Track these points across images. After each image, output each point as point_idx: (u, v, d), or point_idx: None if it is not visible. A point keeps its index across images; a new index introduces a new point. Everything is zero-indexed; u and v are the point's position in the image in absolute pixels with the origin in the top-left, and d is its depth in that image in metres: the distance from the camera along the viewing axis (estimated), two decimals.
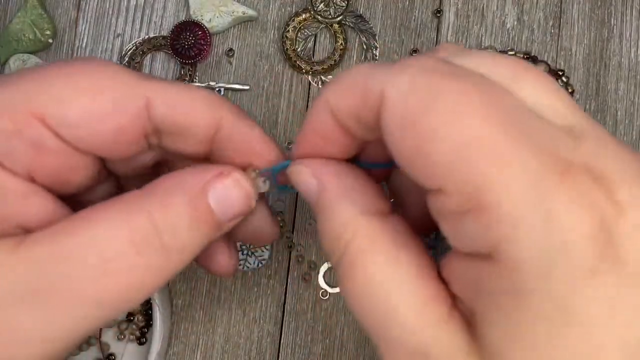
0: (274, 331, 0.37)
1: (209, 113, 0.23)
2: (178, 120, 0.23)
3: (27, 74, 0.22)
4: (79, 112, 0.21)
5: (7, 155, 0.21)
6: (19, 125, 0.21)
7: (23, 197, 0.22)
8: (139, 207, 0.21)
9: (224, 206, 0.22)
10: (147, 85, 0.22)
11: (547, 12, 0.39)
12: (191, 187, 0.22)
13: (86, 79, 0.22)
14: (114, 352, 0.38)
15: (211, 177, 0.22)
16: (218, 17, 0.38)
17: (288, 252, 0.38)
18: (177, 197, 0.21)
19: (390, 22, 0.39)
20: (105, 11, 0.40)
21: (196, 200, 0.22)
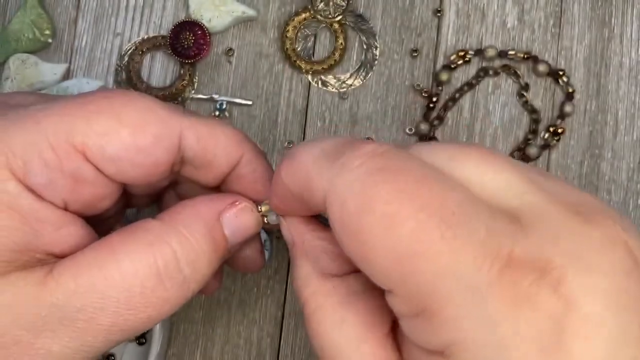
0: (274, 332, 0.37)
1: (234, 150, 0.25)
2: (205, 155, 0.24)
3: (70, 103, 0.22)
4: (120, 147, 0.22)
5: (46, 186, 0.22)
6: (61, 157, 0.21)
7: (57, 227, 0.22)
8: (161, 240, 0.22)
9: (237, 235, 0.24)
10: (182, 120, 0.23)
11: (547, 12, 0.38)
12: (208, 217, 0.23)
13: (128, 114, 0.22)
14: (113, 352, 0.38)
15: (225, 206, 0.24)
16: (217, 16, 0.38)
17: (288, 253, 0.38)
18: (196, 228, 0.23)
19: (390, 22, 0.39)
20: (104, 11, 0.40)
21: (213, 230, 0.23)
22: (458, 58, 0.38)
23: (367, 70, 0.38)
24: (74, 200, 0.22)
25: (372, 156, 0.18)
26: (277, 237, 0.38)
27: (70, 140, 0.21)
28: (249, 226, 0.25)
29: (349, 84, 0.38)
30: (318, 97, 0.39)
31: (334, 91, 0.38)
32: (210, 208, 0.23)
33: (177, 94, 0.38)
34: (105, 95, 0.23)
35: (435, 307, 0.17)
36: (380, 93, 0.38)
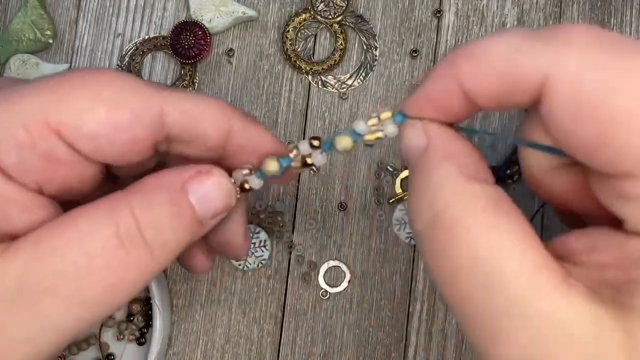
0: (274, 331, 0.37)
1: (220, 122, 0.24)
2: (191, 129, 0.23)
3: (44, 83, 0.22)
4: (97, 124, 0.21)
5: (17, 166, 0.21)
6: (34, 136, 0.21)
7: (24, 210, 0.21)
8: (122, 205, 0.21)
9: (205, 203, 0.23)
10: (162, 96, 0.23)
11: (547, 13, 0.39)
12: (172, 185, 0.22)
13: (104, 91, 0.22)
14: (113, 352, 0.38)
15: (190, 175, 0.23)
16: (218, 17, 0.38)
17: (288, 252, 0.38)
18: (158, 195, 0.22)
19: (390, 22, 0.39)
20: (105, 11, 0.40)
21: (177, 197, 0.22)
22: None
23: (367, 71, 0.38)
24: (49, 182, 0.22)
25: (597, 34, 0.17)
26: (277, 237, 0.38)
27: (44, 119, 0.21)
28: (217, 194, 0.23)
29: (349, 84, 0.38)
30: (318, 98, 0.39)
31: (334, 91, 0.39)
32: (174, 176, 0.23)
33: None
34: (81, 74, 0.22)
35: None
36: (380, 93, 0.38)
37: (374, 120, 0.22)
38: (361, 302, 0.37)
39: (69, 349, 0.37)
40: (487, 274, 0.17)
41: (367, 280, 0.37)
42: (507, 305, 0.17)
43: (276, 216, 0.38)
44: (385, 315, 0.37)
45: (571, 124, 0.17)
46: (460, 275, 0.18)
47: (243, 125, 0.24)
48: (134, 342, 0.38)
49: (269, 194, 0.38)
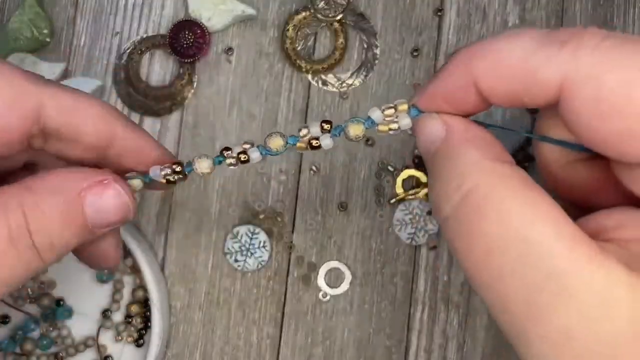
0: (274, 333, 0.37)
1: (102, 123, 0.23)
2: (70, 127, 0.23)
3: None
4: None
5: None
6: None
7: None
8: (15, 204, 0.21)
9: (100, 215, 0.22)
10: (43, 88, 0.22)
11: (548, 11, 0.38)
12: (68, 192, 0.22)
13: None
14: (111, 354, 0.37)
15: (89, 184, 0.22)
16: (217, 15, 0.38)
17: (288, 253, 0.37)
18: (52, 199, 0.21)
19: (391, 21, 0.38)
20: (103, 9, 0.39)
21: (71, 205, 0.22)
22: None
23: (368, 70, 0.38)
24: None
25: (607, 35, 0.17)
26: (276, 238, 0.37)
27: None
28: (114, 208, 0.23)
29: (350, 83, 0.38)
30: (318, 97, 0.38)
31: (334, 91, 0.38)
32: (72, 182, 0.22)
33: (176, 93, 0.38)
34: None
35: None
36: (380, 93, 0.38)
37: (390, 111, 0.22)
38: (362, 304, 0.37)
39: (67, 351, 0.37)
40: (523, 249, 0.17)
41: (368, 282, 0.37)
42: (546, 279, 0.17)
43: (276, 217, 0.37)
44: (386, 316, 0.37)
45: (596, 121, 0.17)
46: (493, 253, 0.18)
47: (127, 130, 0.24)
48: (132, 344, 0.37)
49: (269, 194, 0.38)
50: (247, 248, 0.37)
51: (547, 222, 0.18)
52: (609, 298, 0.17)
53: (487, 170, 0.19)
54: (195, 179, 0.38)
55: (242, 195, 0.38)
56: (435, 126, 0.21)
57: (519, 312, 0.17)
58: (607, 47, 0.17)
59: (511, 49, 0.19)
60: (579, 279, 0.17)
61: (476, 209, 0.18)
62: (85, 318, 0.37)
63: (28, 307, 0.37)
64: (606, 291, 0.17)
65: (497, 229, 0.18)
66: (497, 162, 0.19)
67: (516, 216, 0.18)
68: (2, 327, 0.37)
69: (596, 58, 0.17)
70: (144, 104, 0.38)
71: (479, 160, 0.19)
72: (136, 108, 0.38)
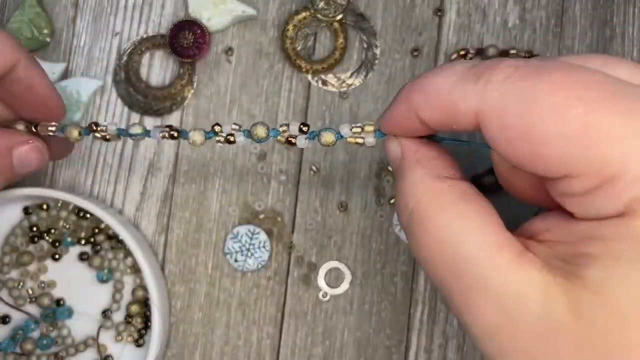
0: (274, 333, 0.37)
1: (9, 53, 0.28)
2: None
3: None
4: None
5: None
6: None
7: None
8: None
9: (23, 164, 0.30)
10: None
11: (549, 11, 0.38)
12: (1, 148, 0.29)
13: None
14: (111, 354, 0.37)
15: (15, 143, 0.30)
16: (217, 15, 0.38)
17: (288, 253, 0.37)
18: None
19: (391, 21, 0.38)
20: (103, 9, 0.39)
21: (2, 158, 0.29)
22: (459, 57, 0.38)
23: (368, 70, 0.38)
24: None
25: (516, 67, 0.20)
26: (276, 238, 0.37)
27: None
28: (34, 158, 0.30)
29: (350, 83, 0.38)
30: (318, 97, 0.38)
31: (334, 90, 0.38)
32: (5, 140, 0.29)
33: (176, 93, 0.38)
34: None
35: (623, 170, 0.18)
36: (380, 92, 0.38)
37: (357, 130, 0.26)
38: (362, 304, 0.37)
39: (67, 351, 0.37)
40: (453, 256, 0.21)
41: (368, 282, 0.37)
42: (473, 281, 0.20)
43: (276, 217, 0.37)
44: (386, 316, 0.37)
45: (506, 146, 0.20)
46: (434, 260, 0.21)
47: (28, 61, 0.28)
48: (132, 344, 0.37)
49: (269, 194, 0.38)
50: (247, 248, 0.37)
51: (473, 232, 0.21)
52: (524, 297, 0.19)
53: (428, 188, 0.22)
54: (196, 179, 0.38)
55: (242, 195, 0.38)
56: (394, 148, 0.25)
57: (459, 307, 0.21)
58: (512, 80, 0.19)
59: (439, 83, 0.21)
60: (498, 281, 0.20)
61: (419, 223, 0.22)
62: (85, 318, 0.37)
63: (28, 307, 0.38)
64: (521, 291, 0.19)
65: (433, 241, 0.21)
66: (439, 179, 0.22)
67: (448, 228, 0.21)
68: (2, 327, 0.37)
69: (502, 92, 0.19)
70: (144, 104, 0.38)
71: (422, 179, 0.23)
72: (136, 108, 0.39)
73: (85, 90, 0.38)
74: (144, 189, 0.38)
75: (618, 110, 0.18)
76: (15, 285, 0.37)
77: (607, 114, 0.18)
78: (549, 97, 0.19)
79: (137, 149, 0.38)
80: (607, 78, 0.19)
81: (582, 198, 0.19)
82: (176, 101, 0.38)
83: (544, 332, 0.19)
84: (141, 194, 0.38)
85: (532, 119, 0.19)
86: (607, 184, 0.18)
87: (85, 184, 0.38)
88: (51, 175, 0.39)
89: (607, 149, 0.18)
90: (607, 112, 0.18)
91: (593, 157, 0.18)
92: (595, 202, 0.19)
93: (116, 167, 0.38)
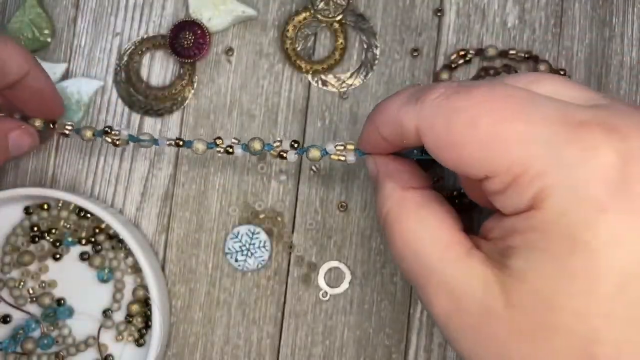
0: (274, 332, 0.37)
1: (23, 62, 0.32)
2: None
3: None
4: None
5: None
6: None
7: None
8: None
9: (17, 146, 0.34)
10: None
11: (548, 12, 0.38)
12: None
13: None
14: (112, 353, 0.37)
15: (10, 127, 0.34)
16: (217, 16, 0.38)
17: (288, 253, 0.37)
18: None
19: (390, 21, 0.39)
20: (104, 10, 0.39)
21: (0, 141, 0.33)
22: (459, 58, 0.38)
23: (368, 70, 0.38)
24: None
25: (445, 89, 0.23)
26: (276, 238, 0.37)
27: None
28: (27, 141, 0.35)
29: (349, 83, 0.38)
30: (318, 97, 0.38)
31: (334, 91, 0.38)
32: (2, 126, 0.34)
33: (177, 93, 0.38)
34: None
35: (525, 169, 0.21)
36: (380, 93, 0.38)
37: (340, 147, 0.30)
38: (361, 303, 0.37)
39: (68, 350, 0.37)
40: (415, 255, 0.24)
41: (368, 281, 0.37)
42: (429, 275, 0.24)
43: (276, 216, 0.38)
44: (385, 316, 0.37)
45: (439, 154, 0.23)
46: (403, 259, 0.25)
47: (38, 71, 0.33)
48: (132, 344, 0.37)
49: (269, 194, 0.38)
50: (248, 248, 0.37)
51: (429, 234, 0.25)
52: (468, 288, 0.22)
53: (397, 197, 0.26)
54: (196, 179, 0.38)
55: (242, 195, 0.38)
56: (371, 165, 0.29)
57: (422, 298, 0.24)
58: (440, 99, 0.23)
59: (390, 105, 0.25)
60: (448, 274, 0.23)
61: (390, 227, 0.26)
62: (86, 317, 0.38)
63: (29, 307, 0.38)
64: (466, 283, 0.23)
65: (402, 242, 0.25)
66: (406, 189, 0.26)
67: (409, 232, 0.25)
68: (3, 327, 0.38)
69: (432, 109, 0.23)
70: (144, 104, 0.39)
71: (392, 191, 0.27)
72: (137, 108, 0.39)
73: (86, 91, 0.38)
74: (145, 189, 0.38)
75: (522, 119, 0.21)
76: (16, 285, 0.37)
77: (512, 123, 0.21)
78: (466, 112, 0.22)
79: (138, 149, 0.38)
80: (518, 92, 0.22)
81: (501, 196, 0.22)
82: (176, 101, 0.38)
83: (484, 318, 0.22)
84: (141, 194, 0.38)
85: (454, 130, 0.22)
86: (515, 182, 0.21)
87: (86, 183, 0.39)
88: (52, 175, 0.39)
89: (512, 152, 0.21)
90: (512, 121, 0.21)
91: (502, 159, 0.21)
92: (510, 199, 0.22)
93: (117, 167, 0.38)
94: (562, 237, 0.20)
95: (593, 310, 0.20)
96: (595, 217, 0.20)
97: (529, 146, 0.21)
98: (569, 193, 0.20)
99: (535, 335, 0.21)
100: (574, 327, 0.20)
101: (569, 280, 0.20)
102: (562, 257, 0.20)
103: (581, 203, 0.20)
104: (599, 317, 0.20)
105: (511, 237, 0.22)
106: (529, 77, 0.24)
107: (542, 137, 0.21)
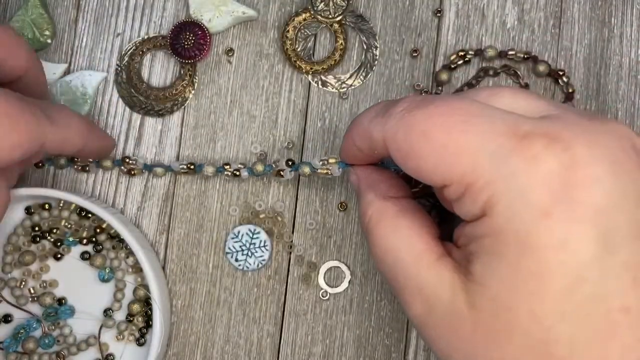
0: (274, 332, 0.37)
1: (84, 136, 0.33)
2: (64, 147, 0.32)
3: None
4: None
5: None
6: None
7: None
8: None
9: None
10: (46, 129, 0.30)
11: (547, 12, 0.38)
12: None
13: None
14: (112, 352, 0.37)
15: None
16: (218, 16, 0.38)
17: (288, 253, 0.38)
18: None
19: (390, 22, 0.39)
20: (105, 11, 0.40)
21: None
22: (458, 58, 0.38)
23: (367, 71, 0.38)
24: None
25: (409, 103, 0.25)
26: (277, 238, 0.38)
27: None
28: None
29: (349, 84, 0.38)
30: (318, 97, 0.39)
31: (334, 91, 0.38)
32: None
33: (177, 94, 0.38)
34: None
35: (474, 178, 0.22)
36: (380, 93, 0.38)
37: (324, 162, 0.33)
38: (361, 303, 0.37)
39: (69, 349, 0.37)
40: (392, 261, 0.26)
41: (368, 281, 0.37)
42: (405, 280, 0.25)
43: (276, 216, 0.38)
44: (385, 315, 0.37)
45: (402, 163, 0.25)
46: (382, 265, 0.26)
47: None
48: (133, 343, 0.38)
49: (269, 194, 0.38)
50: (248, 247, 0.37)
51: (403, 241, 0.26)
52: (438, 293, 0.24)
53: (375, 207, 0.28)
54: (196, 179, 0.38)
55: (242, 195, 0.38)
56: (352, 176, 0.31)
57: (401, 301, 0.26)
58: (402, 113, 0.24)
59: (363, 118, 0.27)
60: (420, 280, 0.25)
61: (370, 235, 0.27)
62: (87, 317, 0.38)
63: (30, 306, 0.38)
64: (437, 288, 0.24)
65: (379, 249, 0.26)
66: (384, 199, 0.28)
67: (386, 239, 0.26)
68: (5, 326, 0.38)
69: (395, 122, 0.25)
70: (145, 105, 0.39)
71: (372, 200, 0.28)
72: (137, 108, 0.39)
73: (90, 83, 0.38)
74: (145, 189, 0.38)
75: (473, 131, 0.22)
76: (17, 285, 0.38)
77: (462, 135, 0.23)
78: (422, 124, 0.24)
79: (139, 149, 0.39)
80: (472, 106, 0.23)
81: (459, 203, 0.23)
82: (177, 102, 0.39)
83: (453, 321, 0.23)
84: (142, 194, 0.38)
85: (411, 141, 0.24)
86: (468, 190, 0.22)
87: (87, 183, 0.39)
88: (53, 175, 0.39)
89: (462, 163, 0.22)
90: (464, 133, 0.23)
91: (454, 169, 0.23)
92: (466, 206, 0.23)
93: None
94: (511, 242, 0.21)
95: (546, 310, 0.21)
96: (539, 222, 0.21)
97: (477, 157, 0.22)
98: (515, 200, 0.21)
99: (498, 337, 0.22)
100: (529, 327, 0.21)
101: (522, 282, 0.21)
102: (513, 260, 0.21)
103: (526, 209, 0.21)
104: (551, 317, 0.21)
105: (472, 243, 0.23)
106: (489, 91, 0.25)
107: (490, 148, 0.22)
